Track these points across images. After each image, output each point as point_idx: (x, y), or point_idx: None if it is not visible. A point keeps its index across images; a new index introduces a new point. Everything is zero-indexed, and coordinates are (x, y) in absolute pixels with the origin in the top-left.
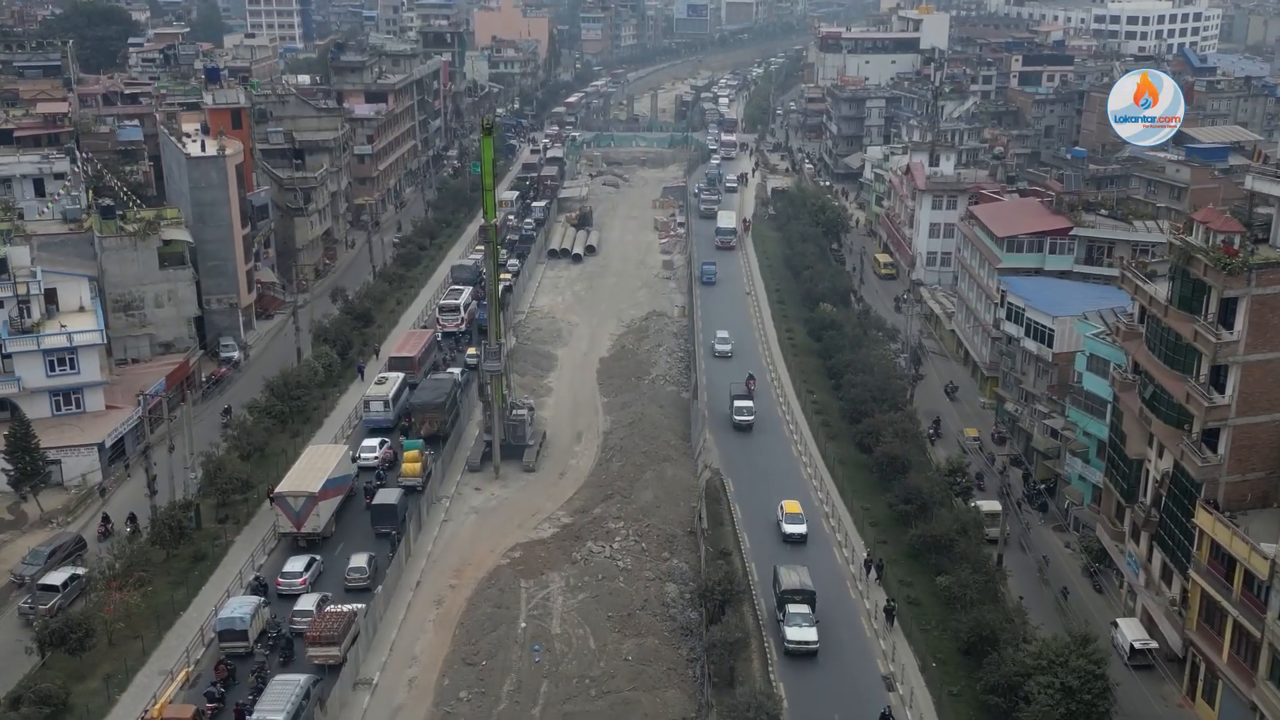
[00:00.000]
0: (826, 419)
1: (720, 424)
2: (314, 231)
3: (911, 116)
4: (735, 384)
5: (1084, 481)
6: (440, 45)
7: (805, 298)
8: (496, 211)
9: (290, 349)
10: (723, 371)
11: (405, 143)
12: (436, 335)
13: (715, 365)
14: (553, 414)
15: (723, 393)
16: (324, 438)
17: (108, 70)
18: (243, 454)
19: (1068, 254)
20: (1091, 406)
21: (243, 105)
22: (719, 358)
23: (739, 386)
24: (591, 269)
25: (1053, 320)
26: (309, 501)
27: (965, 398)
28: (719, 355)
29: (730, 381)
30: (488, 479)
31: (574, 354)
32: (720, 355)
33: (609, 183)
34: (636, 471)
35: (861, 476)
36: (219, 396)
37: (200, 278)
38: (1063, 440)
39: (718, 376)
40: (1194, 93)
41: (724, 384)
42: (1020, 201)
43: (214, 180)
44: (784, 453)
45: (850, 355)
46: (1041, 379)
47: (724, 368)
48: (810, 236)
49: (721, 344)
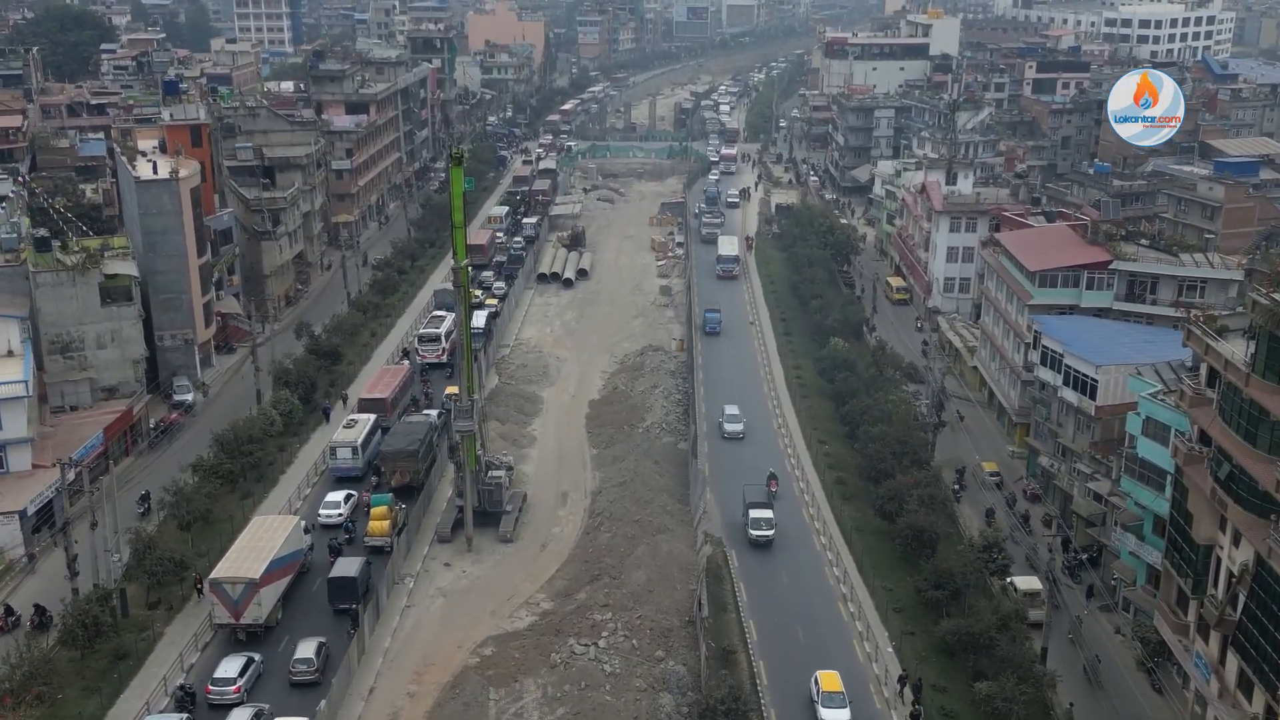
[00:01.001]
0: (841, 475)
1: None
2: (283, 256)
3: (923, 128)
4: (751, 487)
5: (1137, 559)
6: (429, 51)
7: (814, 331)
8: (484, 228)
9: (254, 388)
10: (733, 459)
11: (389, 156)
12: (414, 370)
13: (724, 451)
14: (535, 469)
15: (733, 493)
16: (280, 497)
17: (80, 78)
18: (181, 524)
19: (1107, 290)
20: (1147, 476)
21: (203, 121)
22: (729, 439)
23: (756, 491)
24: (583, 295)
25: (1096, 370)
26: (249, 589)
27: (990, 441)
28: (729, 437)
29: (744, 483)
30: (459, 552)
31: (561, 395)
32: (730, 436)
33: (604, 197)
34: (628, 545)
35: (883, 548)
36: (168, 447)
37: (152, 312)
38: (1110, 507)
39: (727, 466)
40: (1218, 102)
41: (735, 479)
42: (1050, 229)
43: (166, 205)
44: (795, 516)
45: (866, 400)
46: (1082, 434)
47: (735, 455)
48: (818, 260)
49: (731, 423)
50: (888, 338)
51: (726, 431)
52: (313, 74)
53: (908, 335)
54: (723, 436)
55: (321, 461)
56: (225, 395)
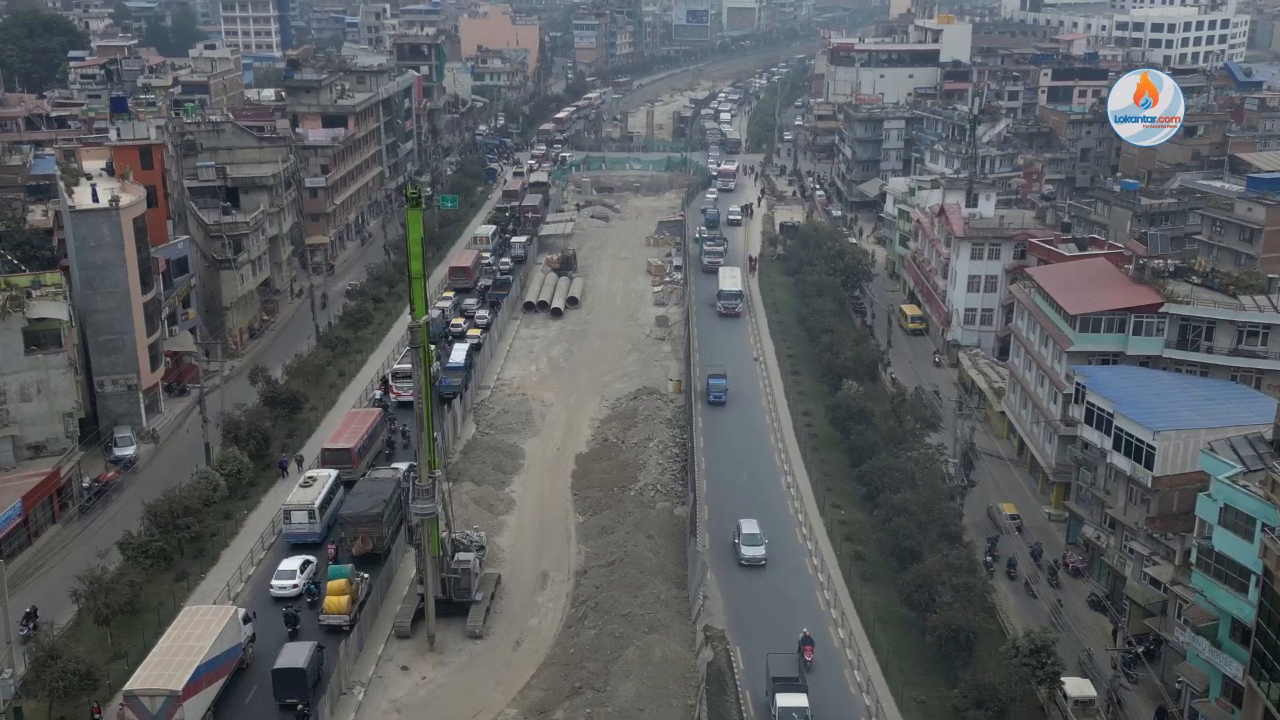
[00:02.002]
0: (859, 549)
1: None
2: (246, 286)
3: (936, 140)
4: (775, 655)
5: (1210, 666)
6: (417, 58)
7: (825, 371)
8: (470, 248)
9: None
10: (752, 593)
11: (369, 170)
12: (387, 413)
13: (740, 581)
14: (513, 541)
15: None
16: (222, 576)
17: (50, 87)
18: (99, 618)
19: (1157, 336)
20: (1225, 574)
21: (154, 141)
22: (747, 566)
23: (783, 662)
24: (573, 326)
25: (1154, 435)
26: (169, 703)
27: (1021, 499)
28: (747, 563)
29: (768, 651)
30: (419, 651)
31: (545, 448)
32: (749, 563)
33: (598, 214)
34: (615, 646)
35: (911, 646)
36: (101, 512)
37: (91, 355)
38: (1173, 598)
39: (743, 603)
40: (1244, 112)
41: (756, 633)
42: (1089, 264)
43: (105, 237)
44: (808, 602)
45: (886, 460)
46: (1137, 508)
47: (753, 586)
48: (827, 287)
49: (750, 545)
50: (903, 374)
51: (745, 557)
52: (288, 84)
53: (924, 371)
54: (739, 563)
55: (272, 531)
56: (175, 445)
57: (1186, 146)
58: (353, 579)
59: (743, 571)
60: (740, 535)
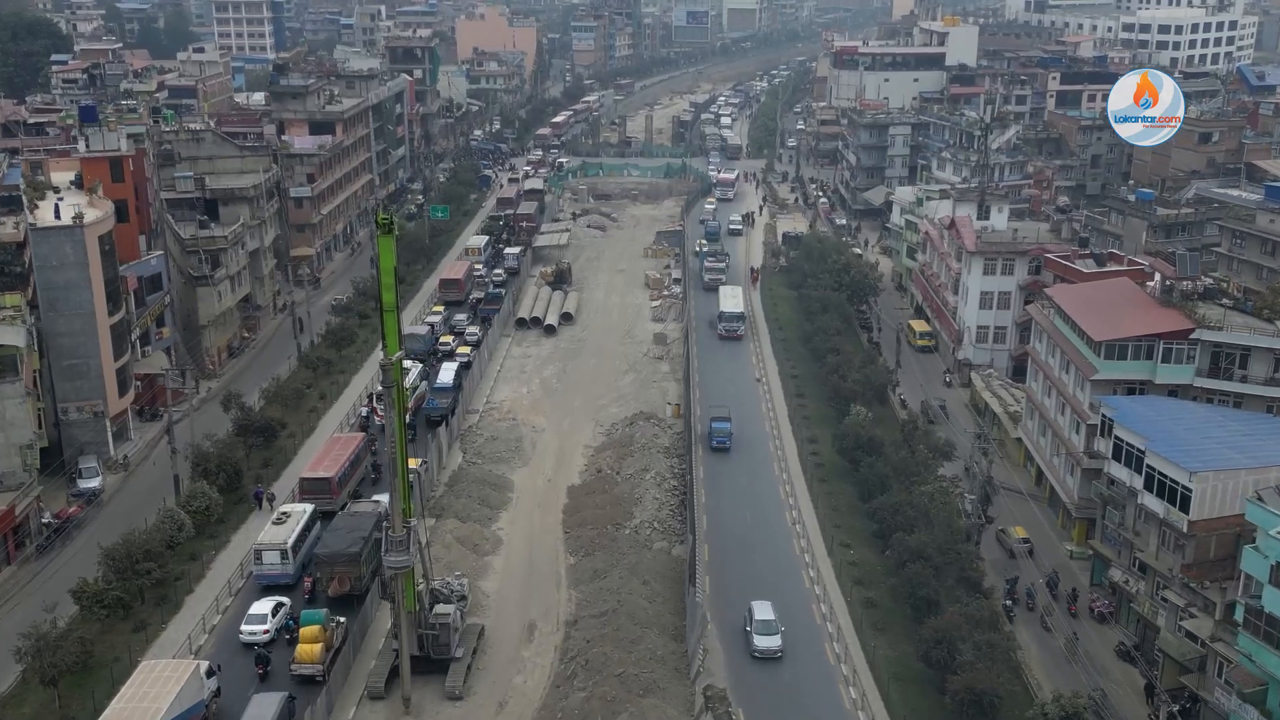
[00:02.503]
0: (872, 598)
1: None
2: (224, 303)
3: (943, 147)
4: None
5: None
6: (410, 61)
7: (832, 394)
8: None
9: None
10: (768, 689)
11: (358, 178)
12: (370, 436)
13: (753, 675)
14: (498, 586)
15: None
16: (185, 626)
17: (33, 91)
18: (45, 679)
19: (1187, 364)
20: (1276, 638)
21: (124, 152)
22: (760, 658)
23: None
24: (567, 344)
25: (1190, 476)
26: None
27: (1040, 534)
28: (761, 655)
29: None
30: (393, 714)
31: (535, 479)
32: (763, 655)
33: (595, 224)
34: (607, 711)
35: (929, 708)
36: (60, 551)
37: (54, 381)
38: (1213, 655)
39: (745, 662)
40: (1258, 117)
41: (760, 694)
42: (1112, 285)
43: (68, 257)
44: (817, 659)
45: (899, 496)
46: (1170, 553)
47: (768, 680)
48: (832, 304)
49: (765, 635)
50: (912, 395)
51: (758, 649)
52: (274, 89)
53: (934, 390)
54: (752, 654)
55: (241, 574)
56: (145, 475)
57: (1201, 153)
58: (327, 624)
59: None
60: (752, 622)
